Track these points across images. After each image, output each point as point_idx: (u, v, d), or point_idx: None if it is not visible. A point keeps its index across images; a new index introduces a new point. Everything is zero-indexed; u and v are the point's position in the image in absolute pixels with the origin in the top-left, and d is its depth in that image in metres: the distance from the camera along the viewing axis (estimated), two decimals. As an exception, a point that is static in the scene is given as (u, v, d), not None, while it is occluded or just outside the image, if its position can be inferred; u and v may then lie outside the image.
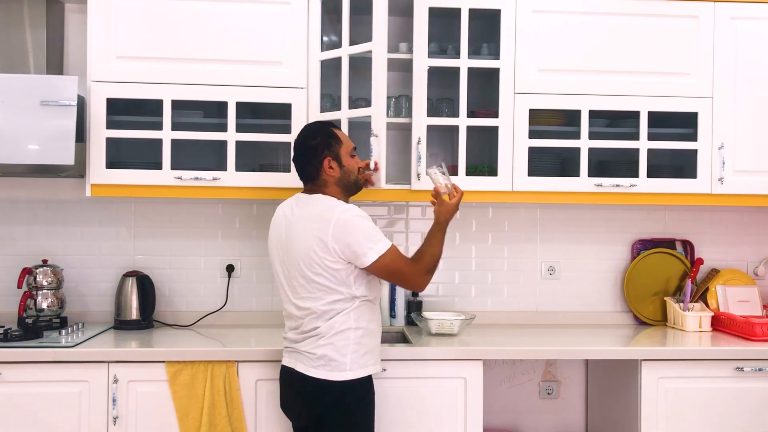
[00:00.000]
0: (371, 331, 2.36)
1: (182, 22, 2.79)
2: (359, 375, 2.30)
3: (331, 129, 2.42)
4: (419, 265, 2.37)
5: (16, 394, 2.51)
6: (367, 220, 2.31)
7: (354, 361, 2.30)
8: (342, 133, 2.44)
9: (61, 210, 3.12)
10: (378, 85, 2.63)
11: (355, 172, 2.44)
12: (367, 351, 2.33)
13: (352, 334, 2.30)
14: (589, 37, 2.93)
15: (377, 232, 2.31)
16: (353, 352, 2.30)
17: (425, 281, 2.39)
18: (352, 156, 2.43)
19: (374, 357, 2.38)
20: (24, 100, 2.63)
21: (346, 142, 2.43)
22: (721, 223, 3.37)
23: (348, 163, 2.41)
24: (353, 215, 2.29)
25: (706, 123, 2.97)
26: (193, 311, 3.14)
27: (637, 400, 2.72)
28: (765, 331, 2.87)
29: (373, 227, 2.31)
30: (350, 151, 2.43)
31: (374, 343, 2.38)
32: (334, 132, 2.42)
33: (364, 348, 2.32)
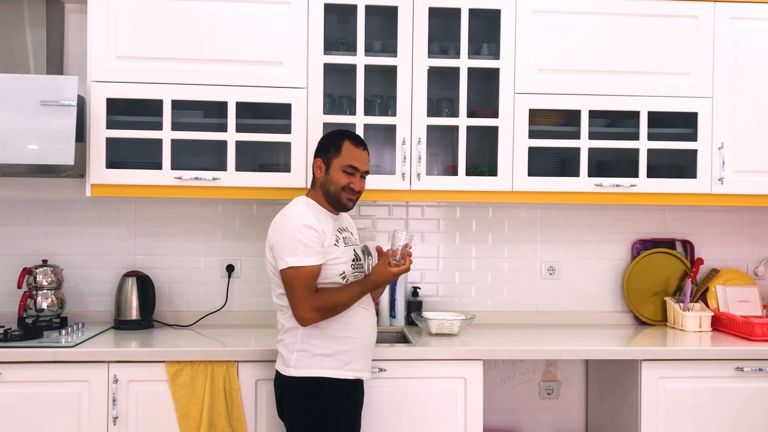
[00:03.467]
0: (329, 335, 2.34)
1: (182, 22, 2.79)
2: (303, 374, 2.32)
3: (341, 140, 2.41)
4: (316, 298, 2.29)
5: (16, 394, 2.51)
6: (300, 230, 2.28)
7: (299, 360, 2.33)
8: (350, 148, 2.40)
9: (61, 210, 3.12)
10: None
11: (337, 185, 2.38)
12: (320, 354, 2.33)
13: (299, 333, 2.34)
14: (589, 37, 2.93)
15: (303, 246, 2.27)
16: (299, 351, 2.33)
17: (310, 317, 2.29)
18: (345, 172, 2.38)
19: (334, 361, 2.34)
20: (24, 100, 2.63)
21: (346, 156, 2.38)
22: (721, 223, 3.37)
23: (334, 174, 2.38)
24: (288, 219, 2.33)
25: (706, 123, 2.97)
26: (193, 311, 3.14)
27: (637, 400, 2.72)
28: (765, 331, 2.87)
29: (301, 239, 2.27)
30: (344, 166, 2.38)
31: (336, 348, 2.34)
32: (341, 143, 2.40)
33: (316, 350, 2.32)
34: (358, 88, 2.85)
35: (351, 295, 2.34)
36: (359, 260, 2.48)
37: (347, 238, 2.46)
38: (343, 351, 2.35)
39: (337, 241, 2.39)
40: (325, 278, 2.34)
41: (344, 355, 2.36)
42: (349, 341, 2.36)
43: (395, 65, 2.85)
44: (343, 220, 2.53)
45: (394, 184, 2.87)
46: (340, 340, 2.35)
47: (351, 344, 2.37)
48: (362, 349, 2.41)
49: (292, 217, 2.33)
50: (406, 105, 2.86)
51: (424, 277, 3.27)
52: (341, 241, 2.41)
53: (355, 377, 2.39)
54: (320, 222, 2.35)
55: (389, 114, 2.96)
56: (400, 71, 2.85)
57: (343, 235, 2.44)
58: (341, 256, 2.37)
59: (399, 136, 2.86)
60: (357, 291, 2.35)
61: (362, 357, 2.41)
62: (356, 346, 2.38)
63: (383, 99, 3.02)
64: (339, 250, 2.38)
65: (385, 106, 3.01)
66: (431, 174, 3.01)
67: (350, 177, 2.40)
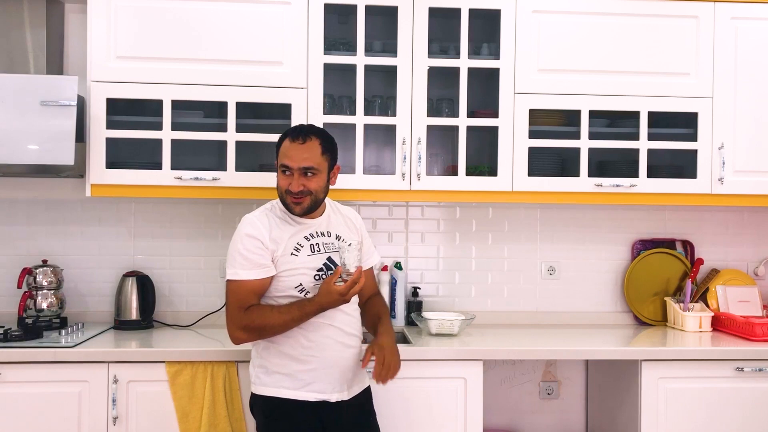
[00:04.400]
0: (283, 352, 2.19)
1: (182, 22, 2.79)
2: (262, 392, 2.22)
3: (283, 138, 2.24)
4: (244, 316, 2.14)
5: (16, 394, 2.51)
6: (242, 240, 2.16)
7: (258, 376, 2.24)
8: (286, 146, 2.21)
9: (61, 210, 3.12)
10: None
11: (280, 190, 2.23)
12: (276, 372, 2.20)
13: (259, 349, 2.25)
14: (589, 37, 2.93)
15: (241, 258, 2.15)
16: (258, 367, 2.24)
17: (237, 336, 2.17)
18: (283, 174, 2.21)
19: (292, 381, 2.19)
20: (24, 100, 2.63)
21: (281, 156, 2.22)
22: (721, 223, 3.37)
23: (277, 177, 2.24)
24: (239, 228, 2.21)
25: (706, 123, 2.96)
26: (193, 311, 3.14)
27: (637, 400, 2.71)
28: (765, 331, 2.87)
29: (240, 250, 2.16)
30: (280, 167, 2.23)
31: (293, 367, 2.19)
32: (282, 143, 2.24)
33: (273, 367, 2.20)
34: (358, 88, 2.85)
35: (286, 318, 2.13)
36: (333, 269, 2.23)
37: (322, 245, 2.26)
38: (302, 371, 2.19)
39: (297, 249, 2.20)
40: (278, 291, 2.20)
41: (303, 375, 2.19)
42: (308, 360, 2.19)
43: (395, 65, 2.85)
44: (327, 223, 2.32)
45: (394, 184, 2.87)
46: (297, 359, 2.19)
47: (311, 363, 2.19)
48: (327, 368, 2.20)
49: (240, 226, 2.21)
50: (406, 105, 2.86)
51: (424, 278, 3.27)
52: (306, 248, 2.22)
53: (318, 399, 2.19)
54: (274, 230, 2.20)
55: (389, 114, 2.96)
56: (400, 71, 2.85)
57: (315, 241, 2.25)
58: (299, 267, 2.19)
59: (399, 136, 2.86)
60: (295, 314, 2.13)
61: (328, 377, 2.21)
62: (318, 366, 2.19)
63: (383, 99, 3.02)
64: (297, 260, 2.19)
65: (385, 106, 3.01)
66: (431, 174, 3.01)
67: (288, 178, 2.20)
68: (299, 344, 2.19)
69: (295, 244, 2.22)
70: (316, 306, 2.14)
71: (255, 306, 2.17)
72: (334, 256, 2.25)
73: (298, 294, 2.21)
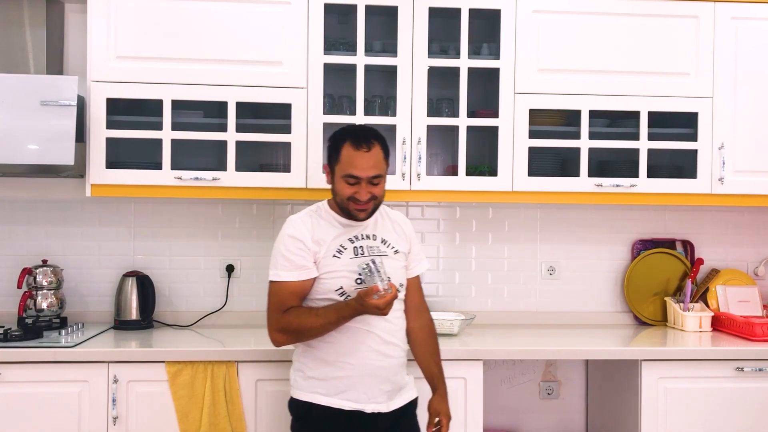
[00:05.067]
0: (318, 357, 2.16)
1: (182, 22, 2.79)
2: (298, 397, 2.20)
3: (341, 143, 2.15)
4: (281, 318, 2.12)
5: (16, 394, 2.51)
6: (284, 242, 2.14)
7: (296, 380, 2.22)
8: (349, 153, 2.12)
9: (61, 210, 3.12)
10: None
11: (342, 196, 2.15)
12: (312, 377, 2.17)
13: (297, 352, 2.24)
14: (590, 37, 2.93)
15: (283, 259, 2.12)
16: (296, 371, 2.23)
17: (275, 338, 2.16)
18: (348, 182, 2.13)
19: (326, 387, 2.15)
20: (24, 100, 2.63)
21: (346, 164, 2.12)
22: (721, 223, 3.37)
23: (338, 183, 2.16)
24: (283, 229, 2.19)
25: (706, 123, 2.96)
26: (193, 311, 3.14)
27: (637, 400, 2.71)
28: (765, 331, 2.87)
29: (282, 251, 2.13)
30: (344, 176, 2.13)
31: (327, 373, 2.15)
32: (341, 147, 2.14)
33: (309, 371, 2.17)
34: (358, 88, 2.85)
35: (322, 321, 2.08)
36: (371, 275, 2.12)
37: (366, 248, 2.20)
38: (336, 377, 2.14)
39: (339, 252, 2.16)
40: (319, 293, 2.16)
41: (337, 382, 2.14)
42: (342, 367, 2.14)
43: (395, 65, 2.85)
44: (374, 226, 2.26)
45: (394, 184, 2.87)
46: (332, 365, 2.14)
47: (345, 370, 2.14)
48: (363, 377, 2.14)
49: (284, 227, 2.19)
50: (406, 105, 2.86)
51: (424, 277, 3.25)
52: (349, 251, 2.17)
53: (352, 408, 2.13)
54: (317, 231, 2.16)
55: (389, 114, 2.96)
56: (400, 71, 2.85)
57: (359, 244, 2.19)
58: (340, 270, 2.14)
59: (399, 136, 2.86)
60: (332, 317, 2.08)
61: (363, 386, 2.14)
62: (353, 374, 2.13)
63: (383, 99, 3.02)
64: (338, 262, 2.15)
65: (385, 106, 3.01)
66: (431, 174, 3.01)
67: (354, 187, 2.13)
68: (335, 350, 2.14)
69: (338, 246, 2.17)
70: (353, 311, 2.07)
71: (293, 308, 2.14)
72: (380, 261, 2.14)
73: (339, 297, 2.15)
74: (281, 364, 2.57)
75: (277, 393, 2.57)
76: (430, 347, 2.37)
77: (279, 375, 2.57)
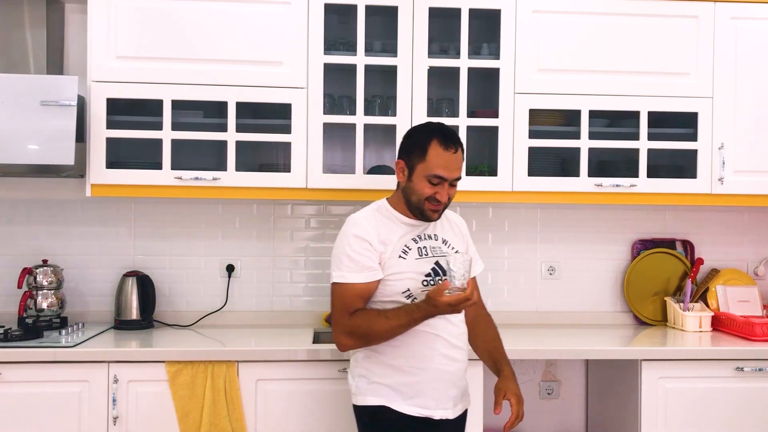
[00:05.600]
0: (385, 362, 2.08)
1: (182, 22, 2.79)
2: (363, 403, 2.11)
3: (428, 141, 2.08)
4: (350, 321, 2.04)
5: (16, 394, 2.51)
6: (349, 242, 2.07)
7: (359, 386, 2.13)
8: (437, 152, 2.06)
9: (61, 210, 3.12)
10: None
11: (420, 196, 2.09)
12: (378, 382, 2.09)
13: (359, 357, 2.15)
14: (589, 37, 2.93)
15: (348, 260, 2.05)
16: (359, 377, 2.14)
17: (343, 342, 2.07)
18: (430, 182, 2.07)
19: (394, 392, 2.07)
20: (24, 100, 2.63)
21: (433, 163, 2.06)
22: (721, 223, 3.37)
23: (418, 182, 2.08)
24: (346, 229, 2.12)
25: (706, 123, 2.97)
26: (193, 311, 3.14)
27: (637, 400, 2.71)
28: (765, 331, 2.87)
29: (348, 252, 2.06)
30: (428, 176, 2.07)
31: (395, 379, 2.08)
32: (428, 145, 2.07)
33: (374, 377, 2.10)
34: (358, 88, 2.85)
35: (393, 324, 2.01)
36: (441, 275, 2.11)
37: (430, 248, 2.15)
38: (405, 383, 2.07)
39: (405, 252, 2.10)
40: (385, 296, 2.09)
41: (406, 388, 2.07)
42: (413, 372, 2.07)
43: (395, 65, 2.85)
44: (434, 226, 2.21)
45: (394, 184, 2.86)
46: (401, 370, 2.07)
47: (416, 376, 2.07)
48: (432, 382, 2.08)
49: (347, 226, 2.11)
50: (406, 105, 2.86)
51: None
52: (414, 251, 2.12)
53: (421, 415, 2.07)
54: (383, 231, 2.10)
55: (389, 114, 2.96)
56: (400, 71, 2.85)
57: (422, 244, 2.14)
58: (406, 271, 2.08)
59: (399, 136, 2.85)
60: (402, 320, 2.00)
61: (432, 392, 2.08)
62: (422, 379, 2.07)
63: (383, 99, 3.02)
64: (404, 263, 2.09)
65: (385, 106, 3.01)
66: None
67: (436, 187, 2.08)
68: (403, 355, 2.07)
69: (404, 246, 2.12)
70: (424, 313, 2.00)
71: (361, 310, 2.06)
72: (441, 261, 2.12)
73: (405, 300, 2.08)
74: (281, 364, 2.58)
75: (277, 393, 2.57)
76: (490, 333, 2.30)
77: (279, 375, 2.58)
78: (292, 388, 2.59)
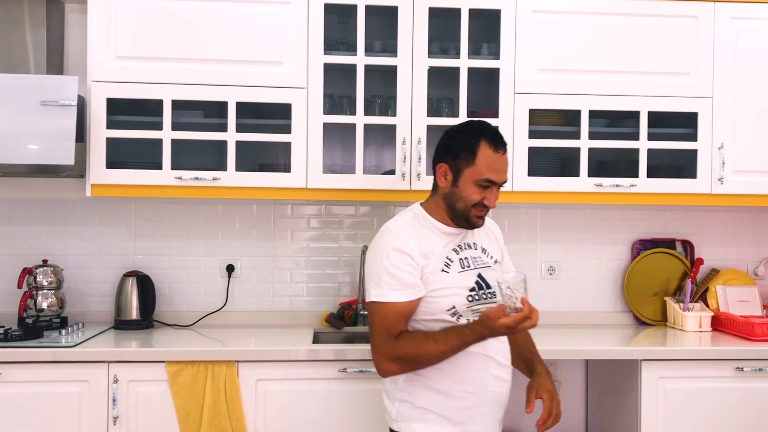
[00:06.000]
0: (432, 387, 1.91)
1: (182, 22, 2.79)
2: (403, 429, 1.93)
3: (476, 142, 1.92)
4: (396, 345, 1.86)
5: (16, 394, 2.51)
6: (388, 256, 1.87)
7: (400, 411, 1.94)
8: (487, 154, 1.91)
9: (61, 210, 3.12)
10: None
11: (467, 202, 1.93)
12: (423, 408, 1.92)
13: (400, 380, 1.95)
14: (589, 37, 2.93)
15: (389, 277, 1.86)
16: (400, 401, 1.95)
17: (386, 368, 1.89)
18: (480, 186, 1.92)
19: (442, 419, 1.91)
20: (24, 100, 2.63)
21: (483, 167, 1.91)
22: (721, 223, 3.37)
23: (465, 187, 1.92)
24: (378, 240, 1.93)
25: (706, 123, 2.97)
26: (193, 311, 3.14)
27: (637, 400, 2.71)
28: (765, 331, 2.87)
29: (388, 268, 1.86)
30: (478, 180, 1.92)
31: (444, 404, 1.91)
32: (477, 147, 1.92)
33: (419, 402, 1.92)
34: (358, 88, 2.85)
35: (444, 348, 1.84)
36: (485, 289, 1.97)
37: (471, 259, 1.99)
38: (456, 409, 1.91)
39: (447, 265, 1.94)
40: (428, 314, 1.92)
41: (457, 414, 1.91)
42: (463, 397, 1.91)
43: (395, 65, 2.85)
44: (472, 234, 2.04)
45: (394, 184, 2.87)
46: (449, 395, 1.91)
47: (467, 400, 1.91)
48: (484, 406, 1.94)
49: (383, 238, 1.91)
50: (406, 105, 2.86)
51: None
52: (456, 263, 1.95)
53: None
54: (424, 243, 1.92)
55: (389, 114, 2.96)
56: (400, 71, 2.85)
57: (463, 255, 1.98)
58: (451, 285, 1.92)
59: (399, 136, 2.86)
60: (453, 343, 1.83)
61: (484, 417, 1.94)
62: (471, 403, 1.92)
63: (383, 99, 3.02)
64: (448, 277, 1.92)
65: (385, 106, 3.01)
66: (431, 174, 2.99)
67: (485, 192, 1.93)
68: (450, 377, 1.91)
69: (445, 258, 1.94)
70: (478, 336, 1.84)
71: (406, 333, 1.88)
72: (484, 273, 1.98)
73: (450, 318, 1.92)
74: (281, 364, 2.58)
75: (277, 393, 2.57)
76: (523, 336, 2.15)
77: (279, 375, 2.58)
78: (292, 388, 2.59)
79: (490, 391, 1.95)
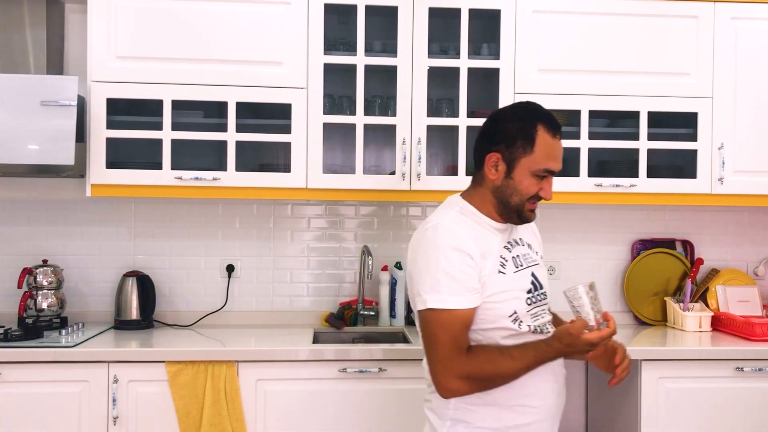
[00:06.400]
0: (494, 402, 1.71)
1: (182, 22, 2.79)
2: None
3: (533, 127, 1.70)
4: (466, 361, 1.63)
5: (16, 394, 2.51)
6: (446, 256, 1.64)
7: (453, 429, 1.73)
8: (546, 141, 1.71)
9: (61, 210, 3.12)
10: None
11: (522, 196, 1.74)
12: (482, 427, 1.72)
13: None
14: (589, 37, 2.93)
15: (449, 279, 1.63)
16: (453, 420, 1.73)
17: (453, 387, 1.65)
18: (538, 176, 1.73)
19: None
20: (24, 100, 2.63)
21: (542, 155, 1.71)
22: (721, 223, 3.37)
23: (522, 179, 1.72)
24: (430, 238, 1.67)
25: (706, 123, 2.97)
26: (193, 311, 3.14)
27: (637, 400, 2.71)
28: (765, 331, 2.87)
29: (447, 269, 1.63)
30: (537, 170, 1.72)
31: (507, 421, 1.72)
32: (535, 132, 1.70)
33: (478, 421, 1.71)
34: (358, 88, 2.85)
35: (520, 365, 1.64)
36: (539, 289, 1.80)
37: (522, 257, 1.80)
38: (519, 425, 1.72)
39: (503, 265, 1.73)
40: (487, 322, 1.71)
41: (515, 430, 1.72)
42: (527, 412, 1.73)
43: (395, 65, 2.85)
44: (517, 230, 1.86)
45: (394, 184, 2.87)
46: (509, 410, 1.71)
47: (531, 415, 1.73)
48: (548, 420, 1.78)
49: (436, 236, 1.66)
50: (406, 105, 2.86)
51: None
52: (510, 263, 1.75)
53: None
54: (479, 241, 1.70)
55: (389, 114, 2.96)
56: (400, 71, 2.85)
57: (515, 253, 1.78)
58: (509, 288, 1.72)
59: (399, 136, 2.86)
60: (530, 360, 1.64)
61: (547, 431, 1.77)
62: (539, 418, 1.75)
63: (383, 99, 3.02)
64: (505, 279, 1.72)
65: (385, 106, 3.01)
66: (431, 174, 3.01)
67: (542, 182, 1.74)
68: (513, 390, 1.71)
69: (500, 258, 1.74)
70: (555, 353, 1.66)
71: (477, 347, 1.67)
72: (535, 272, 1.81)
73: (512, 325, 1.73)
74: (281, 364, 2.58)
75: (277, 393, 2.57)
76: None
77: (279, 375, 2.58)
78: (292, 388, 2.59)
79: (552, 405, 1.81)
